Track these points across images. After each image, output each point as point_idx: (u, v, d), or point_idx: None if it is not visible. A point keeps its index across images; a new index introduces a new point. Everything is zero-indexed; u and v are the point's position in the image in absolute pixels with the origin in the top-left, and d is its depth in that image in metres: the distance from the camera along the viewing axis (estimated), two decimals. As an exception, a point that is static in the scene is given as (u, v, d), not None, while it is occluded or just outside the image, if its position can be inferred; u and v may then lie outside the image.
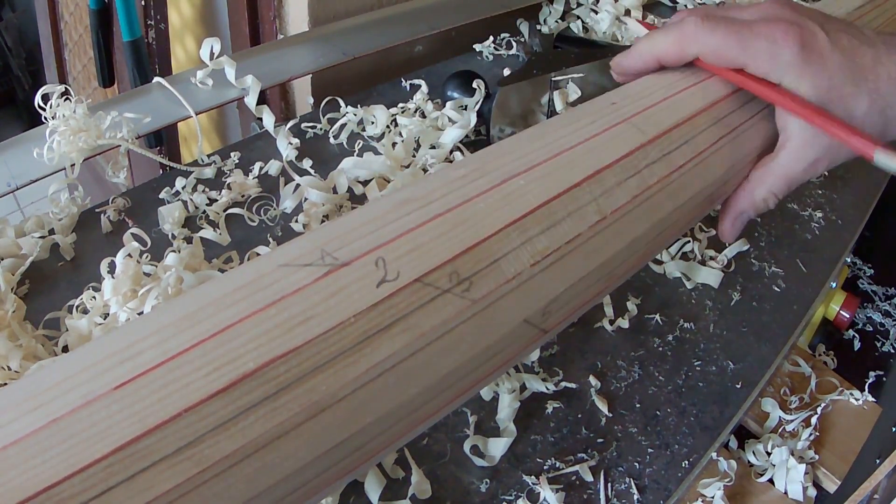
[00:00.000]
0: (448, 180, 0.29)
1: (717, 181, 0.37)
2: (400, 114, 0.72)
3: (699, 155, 0.35)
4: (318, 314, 0.23)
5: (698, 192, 0.36)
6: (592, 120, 0.34)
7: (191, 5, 1.10)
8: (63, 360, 0.23)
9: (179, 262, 0.52)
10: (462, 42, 0.89)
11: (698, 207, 0.37)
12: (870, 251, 0.89)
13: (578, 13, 0.95)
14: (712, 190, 0.37)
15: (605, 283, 0.32)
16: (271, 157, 0.66)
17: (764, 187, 0.39)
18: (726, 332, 0.57)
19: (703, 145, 0.36)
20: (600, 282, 0.32)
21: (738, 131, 0.38)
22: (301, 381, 0.22)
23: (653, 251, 0.36)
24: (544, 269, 0.28)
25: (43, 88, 0.61)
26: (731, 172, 0.38)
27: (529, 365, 0.52)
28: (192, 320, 0.23)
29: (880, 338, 0.79)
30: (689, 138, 0.35)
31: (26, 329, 0.49)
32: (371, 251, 0.25)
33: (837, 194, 0.74)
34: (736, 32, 0.36)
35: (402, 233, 0.26)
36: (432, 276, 0.26)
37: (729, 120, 0.38)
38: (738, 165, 0.38)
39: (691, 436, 0.49)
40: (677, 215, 0.35)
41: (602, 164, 0.32)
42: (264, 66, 0.73)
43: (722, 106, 0.38)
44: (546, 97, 0.70)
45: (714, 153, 0.36)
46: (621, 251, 0.32)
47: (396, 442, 0.26)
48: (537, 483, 0.45)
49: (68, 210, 0.58)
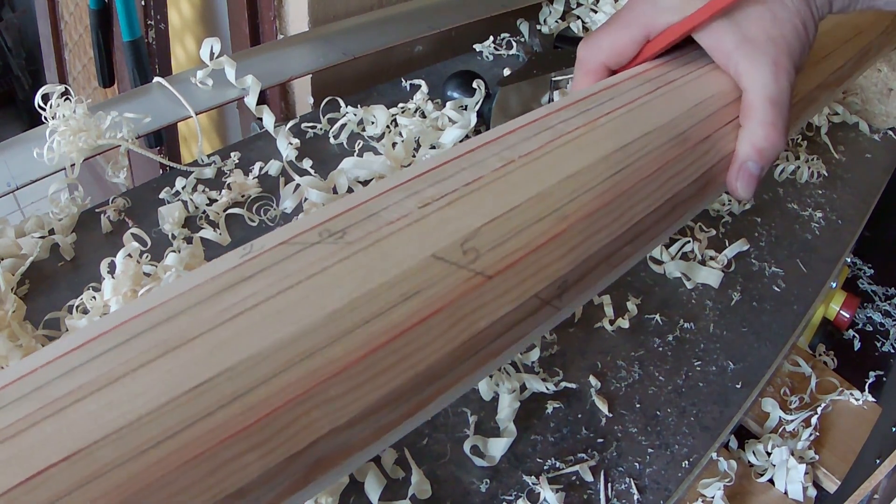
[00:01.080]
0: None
1: (667, 125, 0.36)
2: (400, 114, 0.72)
3: (626, 105, 0.36)
4: (181, 284, 0.24)
5: (645, 134, 0.35)
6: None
7: (191, 5, 1.10)
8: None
9: (179, 262, 0.52)
10: (462, 42, 0.89)
11: (659, 150, 0.36)
12: (870, 251, 0.89)
13: (578, 13, 0.95)
14: (665, 134, 0.36)
15: (556, 223, 0.30)
16: (271, 157, 0.66)
17: (754, 122, 0.38)
18: (726, 332, 0.57)
19: (629, 98, 0.36)
20: (547, 220, 0.30)
21: (677, 84, 0.39)
22: (153, 329, 0.22)
23: (626, 193, 0.34)
24: (439, 208, 0.28)
25: (43, 88, 0.61)
26: (684, 118, 0.38)
27: (529, 365, 0.52)
28: None
29: (880, 338, 0.80)
30: (613, 96, 0.36)
31: (26, 329, 0.49)
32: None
33: (837, 194, 0.74)
34: (619, 15, 0.41)
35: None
36: (299, 238, 0.26)
37: (663, 78, 0.39)
38: (697, 112, 0.38)
39: (691, 436, 0.49)
40: (629, 155, 0.34)
41: (508, 130, 0.32)
42: (264, 66, 0.73)
43: (653, 71, 0.39)
44: (546, 97, 0.70)
45: (648, 103, 0.37)
46: (557, 185, 0.31)
47: (317, 398, 0.23)
48: (537, 483, 0.45)
49: (68, 210, 0.58)
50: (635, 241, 0.33)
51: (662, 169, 0.35)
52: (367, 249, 0.26)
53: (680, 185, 0.35)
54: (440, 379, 0.26)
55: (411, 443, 0.46)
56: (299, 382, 0.22)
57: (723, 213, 0.69)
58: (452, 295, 0.26)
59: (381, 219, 0.27)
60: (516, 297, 0.28)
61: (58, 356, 0.22)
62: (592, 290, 0.33)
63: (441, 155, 0.31)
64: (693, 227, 0.66)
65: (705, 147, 0.37)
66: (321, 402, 0.22)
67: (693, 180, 0.36)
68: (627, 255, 0.33)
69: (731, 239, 0.65)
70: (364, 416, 0.23)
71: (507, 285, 0.28)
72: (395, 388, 0.24)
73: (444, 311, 0.26)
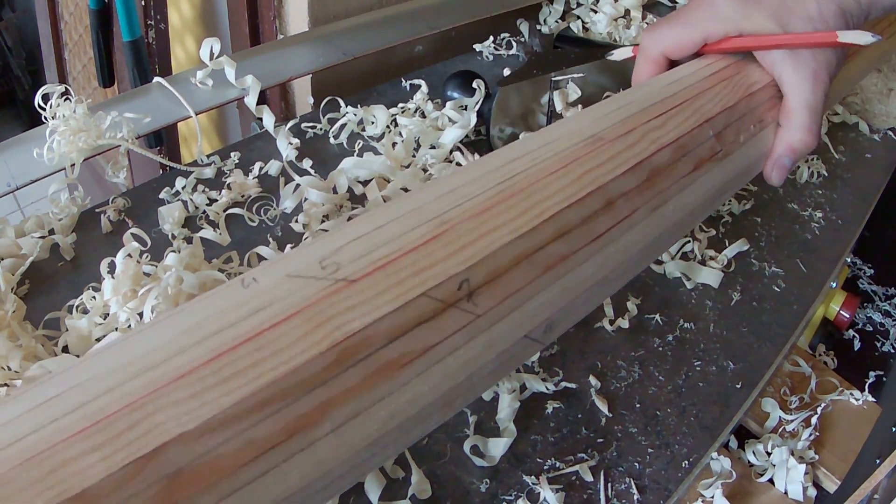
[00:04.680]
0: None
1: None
2: (400, 114, 0.72)
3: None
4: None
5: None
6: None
7: (191, 5, 1.10)
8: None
9: (179, 262, 0.52)
10: (462, 42, 0.89)
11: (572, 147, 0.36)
12: (870, 251, 0.89)
13: (578, 13, 0.95)
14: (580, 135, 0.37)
15: (434, 228, 0.30)
16: (271, 157, 0.66)
17: (792, 124, 0.43)
18: (726, 332, 0.57)
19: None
20: (423, 227, 0.30)
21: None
22: None
23: (524, 191, 0.33)
24: (303, 245, 0.30)
25: (43, 88, 0.61)
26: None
27: (529, 365, 0.52)
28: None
29: (880, 338, 0.80)
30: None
31: (26, 329, 0.49)
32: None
33: (837, 194, 0.74)
34: (680, 13, 0.45)
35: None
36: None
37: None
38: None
39: (691, 436, 0.49)
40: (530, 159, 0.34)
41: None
42: (264, 66, 0.73)
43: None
44: (546, 97, 0.70)
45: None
46: (434, 201, 0.31)
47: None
48: (537, 483, 0.45)
49: (68, 210, 0.58)
50: (566, 238, 0.32)
51: (576, 163, 0.34)
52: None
53: (606, 176, 0.34)
54: (318, 387, 0.24)
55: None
56: (141, 389, 0.23)
57: (723, 213, 0.69)
58: (309, 301, 0.26)
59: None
60: (395, 297, 0.27)
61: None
62: (530, 292, 0.31)
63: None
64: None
65: (635, 139, 0.37)
66: (165, 405, 0.22)
67: (626, 170, 0.35)
68: (561, 253, 0.32)
69: (731, 239, 0.65)
70: (222, 422, 0.23)
71: (380, 287, 0.27)
72: (251, 393, 0.23)
73: (300, 316, 0.25)
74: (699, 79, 0.42)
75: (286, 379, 0.24)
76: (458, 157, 0.67)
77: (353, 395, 0.25)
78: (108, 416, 0.22)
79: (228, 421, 0.23)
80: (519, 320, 0.30)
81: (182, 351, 0.24)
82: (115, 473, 0.21)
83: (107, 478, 0.21)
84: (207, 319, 0.25)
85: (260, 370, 0.24)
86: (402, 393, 0.26)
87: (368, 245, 0.28)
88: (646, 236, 0.36)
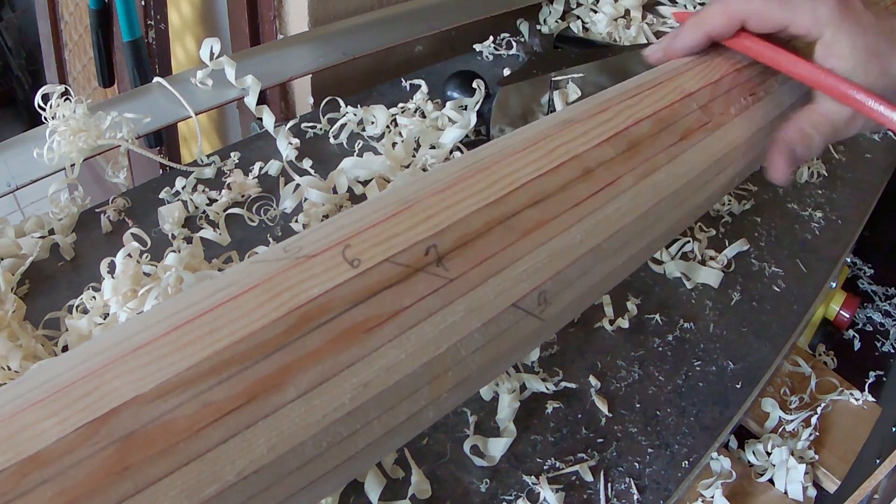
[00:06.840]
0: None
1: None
2: (400, 114, 0.72)
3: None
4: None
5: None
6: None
7: (191, 5, 1.10)
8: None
9: (179, 262, 0.52)
10: (462, 42, 0.89)
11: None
12: (870, 251, 0.89)
13: (578, 13, 0.95)
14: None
15: (396, 207, 0.30)
16: (271, 157, 0.66)
17: (809, 122, 0.41)
18: (726, 332, 0.57)
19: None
20: (387, 209, 0.30)
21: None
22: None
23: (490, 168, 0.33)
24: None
25: (43, 88, 0.61)
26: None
27: (529, 365, 0.52)
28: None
29: (880, 338, 0.79)
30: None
31: (26, 329, 0.49)
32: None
33: (837, 194, 0.74)
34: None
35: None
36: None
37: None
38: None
39: (691, 436, 0.49)
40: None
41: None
42: (264, 66, 0.73)
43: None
44: (546, 97, 0.70)
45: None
46: (400, 189, 0.32)
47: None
48: (537, 483, 0.45)
49: (68, 210, 0.58)
50: (542, 204, 0.32)
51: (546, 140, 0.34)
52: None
53: (580, 147, 0.34)
54: (278, 350, 0.24)
55: (411, 443, 0.46)
56: (101, 362, 0.23)
57: (723, 213, 0.69)
58: (268, 276, 0.26)
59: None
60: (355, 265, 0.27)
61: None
62: (510, 256, 0.30)
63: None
64: (693, 226, 0.66)
65: (610, 115, 0.37)
66: (121, 372, 0.23)
67: (601, 141, 0.35)
68: (538, 218, 0.31)
69: (731, 239, 0.65)
70: (176, 384, 0.23)
71: (339, 258, 0.27)
72: (207, 356, 0.23)
73: (258, 288, 0.26)
74: (679, 64, 0.42)
75: (244, 342, 0.24)
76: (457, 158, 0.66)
77: (317, 358, 0.25)
78: (68, 386, 0.22)
79: (184, 384, 0.23)
80: (502, 286, 0.29)
81: (144, 329, 0.24)
82: (68, 436, 0.21)
83: (60, 440, 0.21)
84: (172, 303, 0.26)
85: (217, 336, 0.24)
86: (373, 359, 0.26)
87: (330, 228, 0.29)
88: (638, 205, 0.35)
